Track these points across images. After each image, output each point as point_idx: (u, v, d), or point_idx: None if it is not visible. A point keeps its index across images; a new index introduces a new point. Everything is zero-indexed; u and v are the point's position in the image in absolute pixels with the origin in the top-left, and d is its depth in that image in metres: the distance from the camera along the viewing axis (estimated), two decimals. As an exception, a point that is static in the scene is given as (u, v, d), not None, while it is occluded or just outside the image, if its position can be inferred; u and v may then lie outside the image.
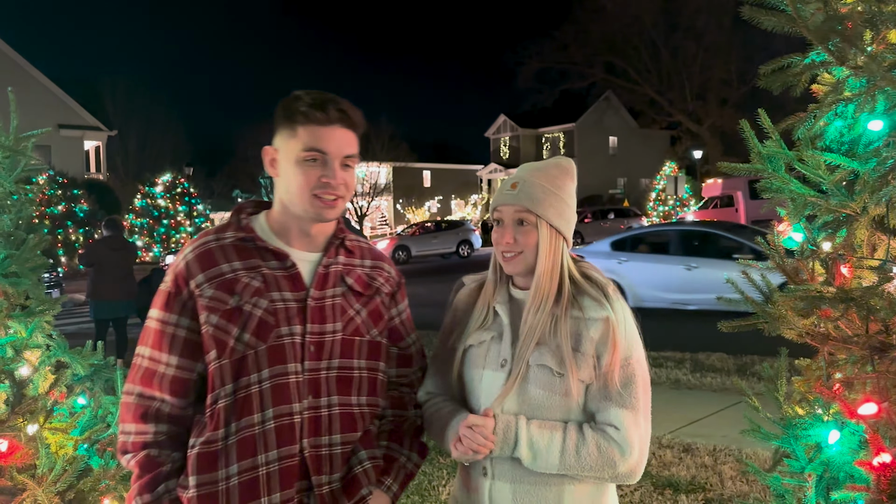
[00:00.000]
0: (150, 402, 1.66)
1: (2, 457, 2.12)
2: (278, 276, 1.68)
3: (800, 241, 1.99)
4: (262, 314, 1.63)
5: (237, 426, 1.61)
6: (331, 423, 1.67)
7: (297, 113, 1.65)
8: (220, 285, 1.64)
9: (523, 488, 1.67)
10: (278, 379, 1.63)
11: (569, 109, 49.51)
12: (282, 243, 1.72)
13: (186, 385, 1.67)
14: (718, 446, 5.05)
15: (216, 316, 1.62)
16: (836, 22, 1.66)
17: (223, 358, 1.62)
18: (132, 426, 1.66)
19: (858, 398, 1.81)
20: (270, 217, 1.76)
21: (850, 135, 1.81)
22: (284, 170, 1.69)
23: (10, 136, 2.35)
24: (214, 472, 1.61)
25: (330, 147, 1.65)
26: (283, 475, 1.62)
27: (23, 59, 30.89)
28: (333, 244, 1.76)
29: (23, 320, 2.33)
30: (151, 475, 1.64)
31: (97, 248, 8.73)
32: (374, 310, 1.79)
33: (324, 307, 1.69)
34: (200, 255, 1.68)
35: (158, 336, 1.68)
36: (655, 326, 9.85)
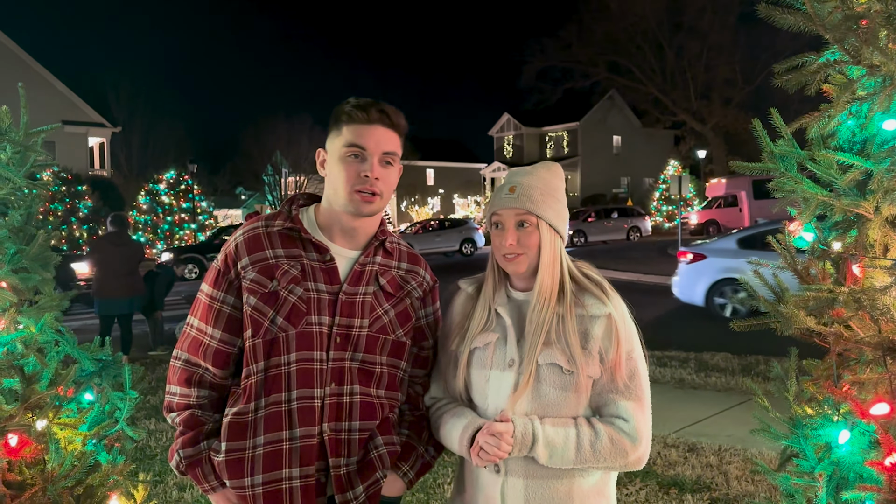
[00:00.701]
0: (195, 368, 1.82)
1: (11, 452, 2.13)
2: (316, 268, 1.79)
3: (811, 240, 1.99)
4: (296, 301, 1.76)
5: (266, 401, 1.75)
6: (351, 410, 1.78)
7: (342, 114, 1.79)
8: (262, 269, 1.77)
9: (536, 483, 1.71)
10: (304, 364, 1.75)
11: (572, 108, 49.45)
12: (325, 238, 1.84)
13: (227, 357, 1.81)
14: (724, 446, 5.04)
15: (255, 297, 1.76)
16: (853, 21, 1.65)
17: (257, 337, 1.75)
18: (178, 388, 1.83)
19: (870, 398, 1.80)
20: (318, 211, 1.89)
21: (863, 134, 1.80)
22: (330, 167, 1.81)
23: (20, 131, 2.36)
24: (243, 440, 1.75)
25: (369, 143, 1.76)
26: (304, 452, 1.74)
27: (27, 56, 30.93)
28: (373, 244, 1.86)
29: (32, 315, 2.34)
30: (194, 432, 1.80)
31: (100, 245, 8.72)
32: (403, 311, 1.89)
33: (354, 302, 1.80)
34: (249, 239, 1.81)
35: (206, 309, 1.83)
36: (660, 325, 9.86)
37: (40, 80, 30.47)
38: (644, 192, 45.16)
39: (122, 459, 2.34)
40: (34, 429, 2.20)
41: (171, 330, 10.64)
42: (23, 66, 29.95)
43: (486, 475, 1.75)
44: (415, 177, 51.73)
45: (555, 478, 1.71)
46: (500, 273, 1.84)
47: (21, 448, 2.15)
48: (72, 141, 31.05)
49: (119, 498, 2.31)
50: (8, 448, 2.13)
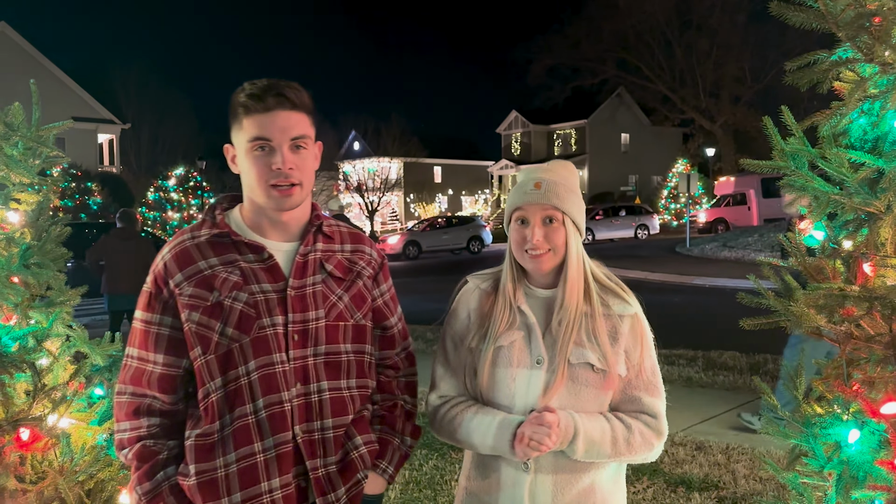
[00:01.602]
0: (141, 398, 1.70)
1: (24, 446, 2.14)
2: (256, 269, 1.69)
3: (821, 239, 1.98)
4: (243, 307, 1.65)
5: (231, 417, 1.65)
6: (321, 408, 1.70)
7: (238, 105, 1.67)
8: (199, 283, 1.67)
9: (563, 478, 1.72)
10: (265, 370, 1.65)
11: (581, 106, 49.37)
12: (257, 236, 1.74)
13: (174, 381, 1.70)
14: (731, 444, 5.03)
15: (197, 313, 1.65)
16: (865, 18, 1.65)
17: (208, 353, 1.65)
18: (126, 423, 1.70)
19: (880, 397, 1.80)
20: (244, 211, 1.78)
21: (875, 132, 1.79)
22: (241, 164, 1.70)
23: (32, 127, 2.37)
24: (213, 460, 1.65)
25: (274, 133, 1.65)
26: (280, 461, 1.65)
27: (37, 52, 31.13)
28: (310, 231, 1.77)
29: (44, 310, 2.35)
30: (149, 464, 1.67)
31: (107, 242, 8.74)
32: (357, 293, 1.80)
33: (304, 296, 1.71)
34: (177, 255, 1.71)
35: (144, 336, 1.72)
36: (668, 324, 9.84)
37: (51, 78, 30.67)
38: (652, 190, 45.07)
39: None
40: (45, 423, 2.22)
41: None
42: (34, 63, 30.14)
43: (513, 473, 1.74)
44: (422, 174, 51.73)
45: (582, 472, 1.73)
46: (518, 269, 1.81)
47: (32, 442, 2.17)
48: (82, 137, 31.24)
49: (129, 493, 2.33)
50: (20, 442, 2.15)
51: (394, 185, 48.69)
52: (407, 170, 50.67)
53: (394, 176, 48.89)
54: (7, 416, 2.15)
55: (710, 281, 15.54)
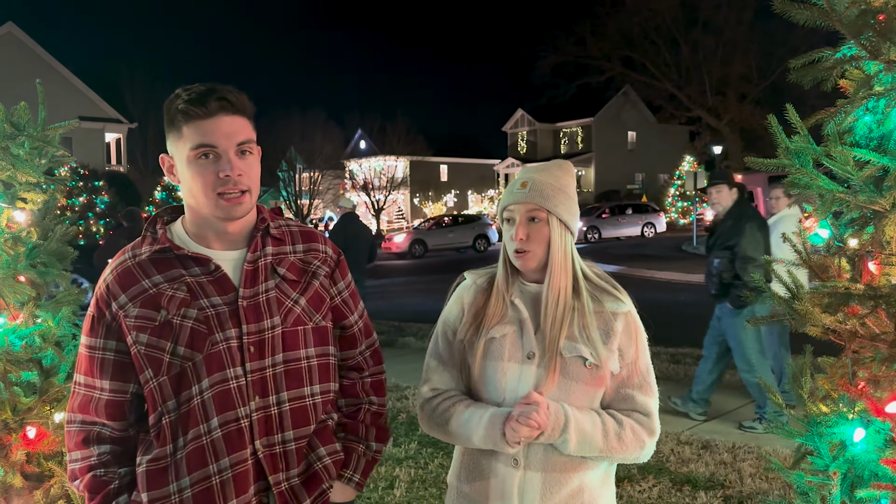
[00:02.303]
0: (90, 427, 1.64)
1: (30, 444, 2.16)
2: (203, 283, 1.62)
3: (826, 237, 1.98)
4: (193, 324, 1.58)
5: (185, 440, 1.58)
6: (282, 421, 1.64)
7: (177, 112, 1.59)
8: (144, 302, 1.60)
9: (553, 476, 1.72)
10: (219, 386, 1.58)
11: (587, 104, 49.24)
12: (202, 247, 1.66)
13: (122, 407, 1.65)
14: (737, 443, 5.02)
15: (145, 335, 1.58)
16: (870, 16, 1.64)
17: (160, 375, 1.58)
18: (77, 453, 1.65)
19: (885, 396, 1.79)
20: (186, 222, 1.70)
21: (880, 130, 1.79)
22: (182, 174, 1.62)
23: (38, 127, 2.38)
24: (166, 486, 1.58)
25: (219, 140, 1.58)
26: (237, 480, 1.58)
27: (44, 52, 31.21)
28: (257, 237, 1.69)
29: (50, 309, 2.36)
30: (101, 495, 1.61)
31: (113, 242, 8.76)
32: (314, 295, 1.73)
33: (258, 304, 1.63)
34: (119, 275, 1.64)
35: (89, 362, 1.65)
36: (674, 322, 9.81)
37: (59, 78, 30.75)
38: (659, 188, 44.94)
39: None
40: (52, 421, 2.23)
41: None
42: (41, 63, 30.23)
43: (503, 469, 1.75)
44: (428, 173, 51.72)
45: (571, 471, 1.73)
46: (511, 267, 1.84)
47: (39, 440, 2.18)
48: (89, 137, 31.32)
49: (135, 490, 2.34)
50: (27, 440, 2.16)
51: (400, 183, 48.71)
52: (413, 168, 50.67)
53: (400, 175, 48.90)
54: (14, 414, 2.17)
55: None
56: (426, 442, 5.26)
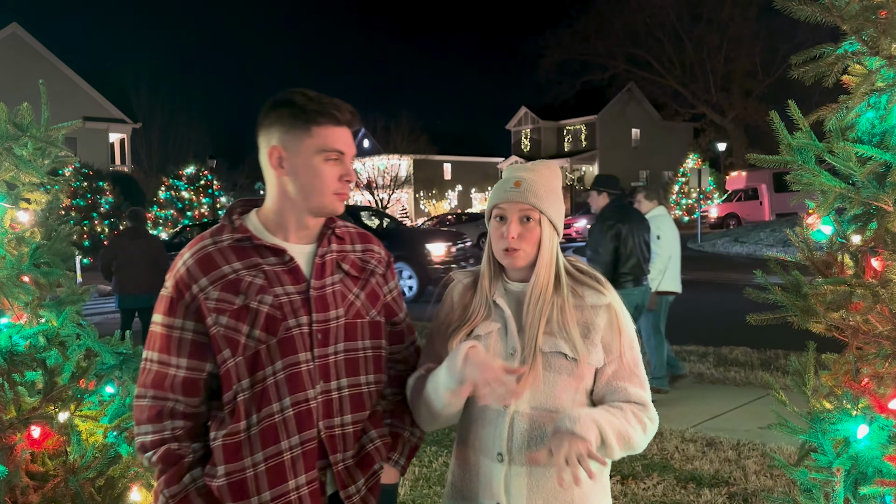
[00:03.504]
0: (163, 402, 1.71)
1: (34, 443, 2.16)
2: (279, 272, 1.74)
3: (829, 233, 1.97)
4: (269, 310, 1.70)
5: (258, 417, 1.69)
6: (342, 405, 1.77)
7: (312, 112, 1.72)
8: (225, 287, 1.70)
9: (539, 471, 1.72)
10: (291, 369, 1.71)
11: (590, 101, 49.17)
12: (278, 239, 1.79)
13: (198, 385, 1.72)
14: (742, 440, 5.01)
15: (225, 316, 1.69)
16: (871, 11, 1.64)
17: (237, 355, 1.69)
18: (149, 426, 1.71)
19: (888, 393, 1.79)
20: (263, 214, 1.82)
21: (883, 126, 1.78)
22: (297, 168, 1.74)
23: (42, 127, 2.39)
24: (241, 460, 1.68)
25: (346, 148, 1.75)
26: (306, 457, 1.71)
27: (49, 52, 31.31)
28: (326, 234, 1.83)
29: (54, 309, 2.37)
30: (175, 468, 1.69)
31: (117, 242, 8.79)
32: (371, 291, 1.87)
33: (325, 295, 1.77)
34: (200, 260, 1.73)
35: (165, 340, 1.73)
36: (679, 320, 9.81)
37: (63, 78, 30.84)
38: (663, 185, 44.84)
39: (142, 451, 2.37)
40: (56, 421, 2.24)
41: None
42: (45, 63, 30.32)
43: (489, 464, 1.76)
44: (432, 171, 51.72)
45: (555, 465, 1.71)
46: (496, 265, 1.85)
47: (44, 440, 2.19)
48: (93, 137, 31.39)
49: (140, 489, 2.34)
50: (31, 440, 2.17)
51: (403, 182, 48.71)
52: (416, 167, 50.69)
53: (403, 173, 48.90)
54: (18, 414, 2.18)
55: (721, 276, 15.46)
56: (430, 440, 5.26)
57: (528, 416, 1.72)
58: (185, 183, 30.11)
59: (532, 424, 1.72)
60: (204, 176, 30.57)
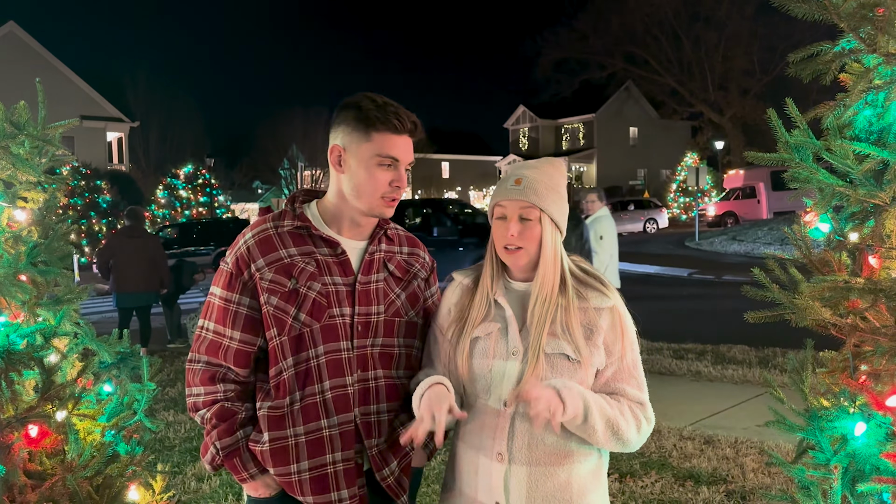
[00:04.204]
0: (216, 368, 1.86)
1: (32, 442, 2.16)
2: (330, 262, 1.86)
3: (827, 231, 1.97)
4: (316, 296, 1.81)
5: (301, 394, 1.82)
6: (377, 394, 1.88)
7: (374, 119, 1.80)
8: (279, 269, 1.82)
9: (538, 470, 1.72)
10: (332, 355, 1.82)
11: (588, 100, 49.19)
12: (333, 231, 1.90)
13: (249, 357, 1.85)
14: (740, 438, 5.02)
15: (276, 297, 1.81)
16: (868, 9, 1.64)
17: (283, 335, 1.81)
18: (201, 388, 1.86)
19: (886, 390, 1.79)
20: (323, 206, 1.93)
21: (880, 124, 1.78)
22: (355, 169, 1.84)
23: (38, 125, 2.38)
24: (284, 430, 1.82)
25: (402, 155, 1.85)
26: (344, 437, 1.83)
27: (46, 51, 31.26)
28: (378, 234, 1.94)
29: (51, 308, 2.37)
30: (228, 422, 1.84)
31: (115, 241, 8.78)
32: (412, 293, 1.98)
33: (369, 291, 1.88)
34: (260, 241, 1.85)
35: (222, 312, 1.86)
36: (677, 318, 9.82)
37: (60, 76, 30.78)
38: (661, 183, 44.89)
39: (140, 450, 2.37)
40: (54, 420, 2.24)
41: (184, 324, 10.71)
42: (43, 62, 30.25)
43: (489, 463, 1.75)
44: (430, 170, 51.72)
45: (556, 464, 1.72)
46: (498, 264, 1.85)
47: (41, 439, 2.18)
48: (90, 136, 31.33)
49: (138, 488, 2.34)
50: (28, 439, 2.17)
51: (402, 180, 48.72)
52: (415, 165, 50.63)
53: (401, 171, 48.92)
54: (16, 413, 2.17)
55: (718, 274, 15.49)
56: (429, 439, 5.27)
57: (529, 415, 1.72)
58: (182, 182, 30.08)
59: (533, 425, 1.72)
60: (202, 175, 30.55)
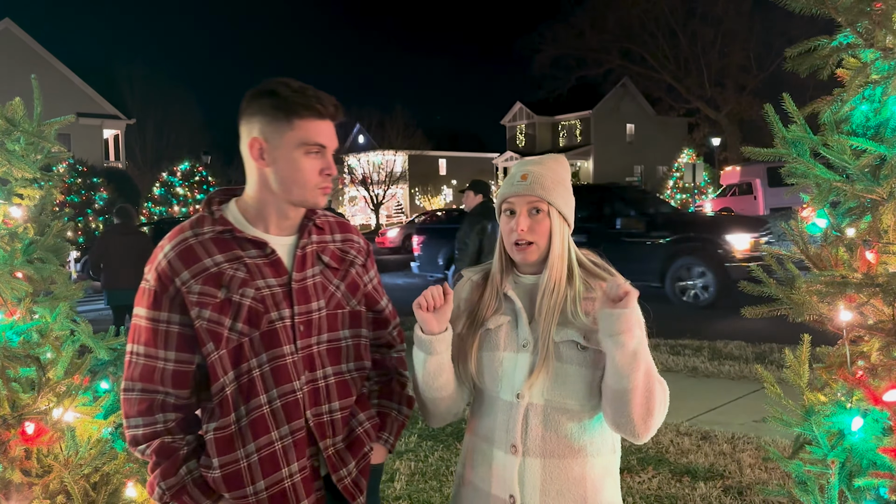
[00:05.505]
0: (153, 395, 1.70)
1: (29, 440, 2.16)
2: (260, 264, 1.74)
3: (823, 226, 1.97)
4: (251, 303, 1.70)
5: (247, 409, 1.70)
6: (328, 392, 1.79)
7: (295, 104, 1.69)
8: (207, 280, 1.69)
9: (553, 462, 1.72)
10: (276, 361, 1.72)
11: (585, 96, 49.16)
12: (259, 230, 1.78)
13: (187, 377, 1.72)
14: (737, 434, 5.03)
15: (207, 310, 1.67)
16: (865, 3, 1.64)
17: (220, 349, 1.68)
18: (139, 419, 1.70)
19: (883, 385, 1.80)
20: (244, 204, 1.80)
21: (877, 119, 1.78)
22: (279, 161, 1.72)
23: (34, 122, 2.38)
24: (234, 451, 1.70)
25: (328, 141, 1.73)
26: (297, 446, 1.73)
27: (42, 48, 31.16)
28: (306, 226, 1.83)
29: (48, 305, 2.36)
30: (170, 459, 1.69)
31: (107, 239, 8.74)
32: (351, 281, 1.89)
33: (306, 288, 1.78)
34: (182, 252, 1.71)
35: (151, 333, 1.70)
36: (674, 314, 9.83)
37: (56, 74, 30.70)
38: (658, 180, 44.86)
39: (137, 447, 2.36)
40: (51, 417, 2.23)
41: None
42: (39, 59, 30.17)
43: (502, 455, 1.75)
44: (427, 167, 51.69)
45: (570, 457, 1.73)
46: (507, 260, 1.86)
47: (38, 436, 2.18)
48: (87, 133, 31.26)
49: (135, 485, 2.34)
50: (25, 436, 2.16)
51: (399, 178, 48.69)
52: (412, 162, 50.65)
53: (398, 169, 48.88)
54: (12, 410, 2.17)
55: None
56: (426, 435, 5.27)
57: (542, 407, 1.72)
58: (179, 179, 30.02)
59: (546, 415, 1.72)
60: (199, 172, 30.45)
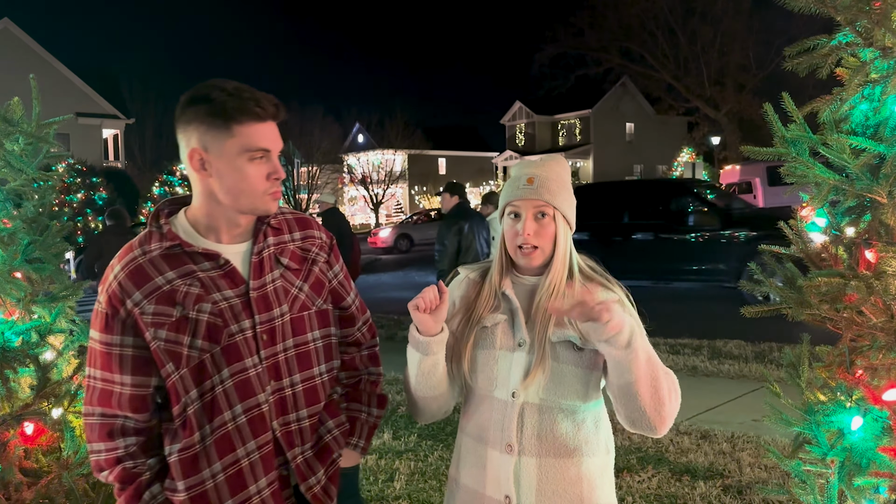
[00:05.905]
0: (113, 419, 1.66)
1: (28, 440, 2.16)
2: (214, 277, 1.66)
3: (823, 226, 1.97)
4: (209, 318, 1.63)
5: (211, 427, 1.64)
6: (295, 401, 1.73)
7: (231, 109, 1.59)
8: (160, 299, 1.62)
9: (548, 462, 1.72)
10: (239, 375, 1.65)
11: (585, 95, 49.12)
12: (210, 241, 1.70)
13: (145, 400, 1.67)
14: (736, 433, 5.03)
15: (163, 330, 1.61)
16: (865, 2, 1.63)
17: (181, 368, 1.62)
18: (101, 444, 1.66)
19: (882, 384, 1.79)
20: (192, 215, 1.72)
21: (877, 118, 1.78)
22: (222, 171, 1.63)
23: (33, 122, 2.37)
24: (199, 473, 1.64)
25: (272, 144, 1.65)
26: (264, 460, 1.68)
27: (41, 48, 31.12)
28: (261, 228, 1.75)
29: (47, 305, 2.36)
30: (133, 486, 1.65)
31: (101, 239, 8.75)
32: (315, 281, 1.81)
33: (266, 295, 1.70)
34: (132, 273, 1.64)
35: (106, 357, 1.65)
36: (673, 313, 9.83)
37: (56, 74, 30.67)
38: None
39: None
40: (50, 417, 2.23)
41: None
42: (38, 59, 30.13)
43: (498, 456, 1.75)
44: (427, 166, 51.68)
45: (567, 456, 1.72)
46: (507, 261, 1.85)
47: (37, 436, 2.18)
48: (86, 133, 31.25)
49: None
50: (24, 436, 2.16)
51: (398, 177, 48.68)
52: (411, 162, 50.63)
53: (398, 168, 48.86)
54: (11, 410, 2.17)
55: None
56: (425, 434, 5.27)
57: (538, 406, 1.72)
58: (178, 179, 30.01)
59: (542, 415, 1.72)
60: (198, 171, 30.43)
